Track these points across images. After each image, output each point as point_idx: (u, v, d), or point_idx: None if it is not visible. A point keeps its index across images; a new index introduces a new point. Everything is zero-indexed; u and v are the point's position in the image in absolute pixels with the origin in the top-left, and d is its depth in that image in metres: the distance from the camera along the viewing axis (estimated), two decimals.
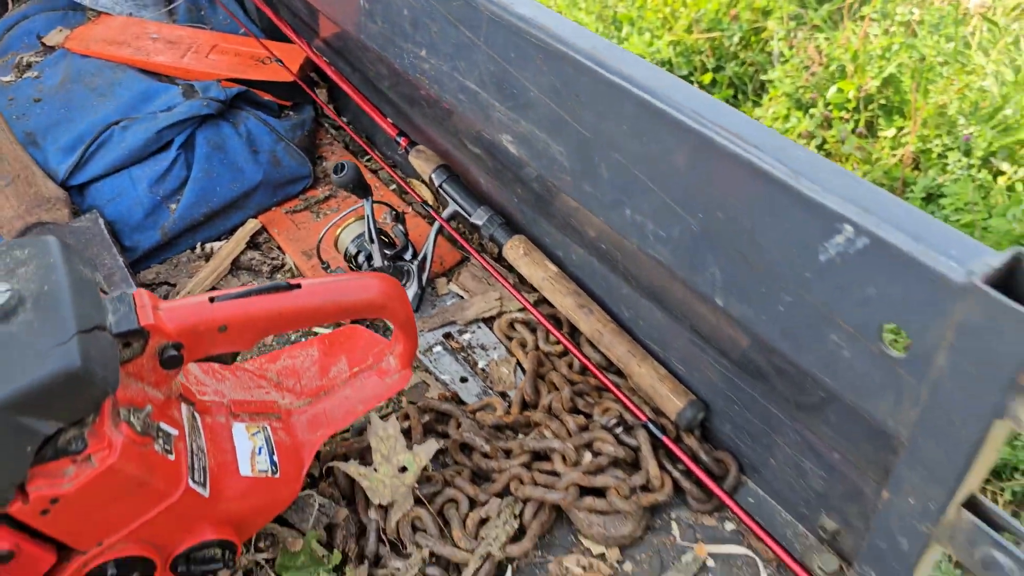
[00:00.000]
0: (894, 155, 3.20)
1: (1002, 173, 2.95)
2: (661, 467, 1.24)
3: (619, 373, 1.38)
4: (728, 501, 1.20)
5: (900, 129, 3.23)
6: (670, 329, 1.27)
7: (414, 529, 1.21)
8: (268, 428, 1.12)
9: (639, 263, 1.26)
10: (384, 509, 1.22)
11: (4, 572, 0.87)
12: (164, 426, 0.97)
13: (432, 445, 1.21)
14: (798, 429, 1.11)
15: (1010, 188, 2.87)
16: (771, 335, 0.98)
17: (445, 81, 1.39)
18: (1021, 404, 0.73)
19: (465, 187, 1.58)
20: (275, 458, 1.09)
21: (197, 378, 1.13)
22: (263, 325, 1.01)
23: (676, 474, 1.24)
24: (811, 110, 3.32)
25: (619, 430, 1.28)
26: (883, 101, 3.34)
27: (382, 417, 1.26)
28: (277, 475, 1.08)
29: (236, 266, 1.69)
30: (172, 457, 0.96)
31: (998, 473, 2.50)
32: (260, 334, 1.02)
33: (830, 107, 3.26)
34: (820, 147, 3.37)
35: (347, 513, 1.22)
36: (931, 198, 2.99)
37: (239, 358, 1.16)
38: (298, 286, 1.02)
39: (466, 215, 1.54)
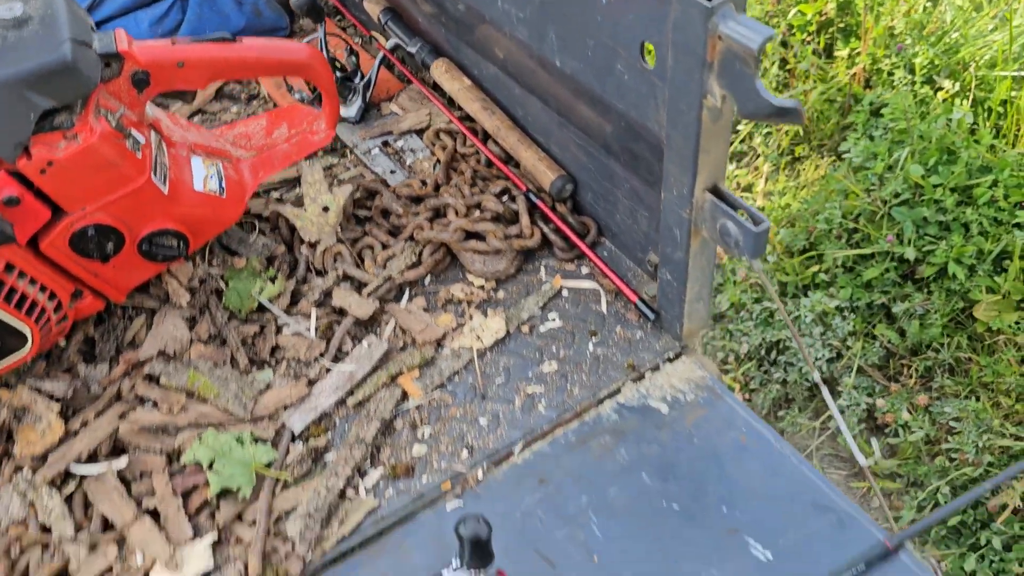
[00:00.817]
0: (849, 73, 3.46)
1: (942, 89, 3.20)
2: (533, 223, 1.56)
3: (517, 166, 1.70)
4: (585, 249, 1.52)
5: (854, 50, 3.48)
6: (547, 118, 1.58)
7: (335, 259, 1.54)
8: (220, 165, 1.46)
9: (519, 61, 1.57)
10: (313, 247, 1.55)
11: (11, 215, 1.21)
12: (135, 133, 1.30)
13: (348, 188, 1.54)
14: (627, 178, 1.42)
15: (948, 101, 3.12)
16: (588, 80, 1.29)
17: None
18: (711, 79, 1.04)
19: (406, 24, 1.90)
20: (223, 184, 1.43)
21: (167, 126, 1.46)
22: (212, 66, 1.34)
23: (547, 230, 1.56)
24: (776, 31, 3.57)
25: (504, 198, 1.60)
26: (841, 25, 3.58)
27: (310, 164, 1.59)
28: (224, 196, 1.42)
29: (220, 94, 2.03)
30: (139, 156, 1.29)
31: (915, 350, 2.80)
32: (210, 75, 1.35)
33: (793, 29, 3.50)
34: (782, 64, 3.64)
35: (285, 249, 1.56)
36: (877, 111, 3.25)
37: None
38: (240, 40, 1.35)
39: (404, 45, 1.86)
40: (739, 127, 3.50)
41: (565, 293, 1.51)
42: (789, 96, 3.41)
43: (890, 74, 3.31)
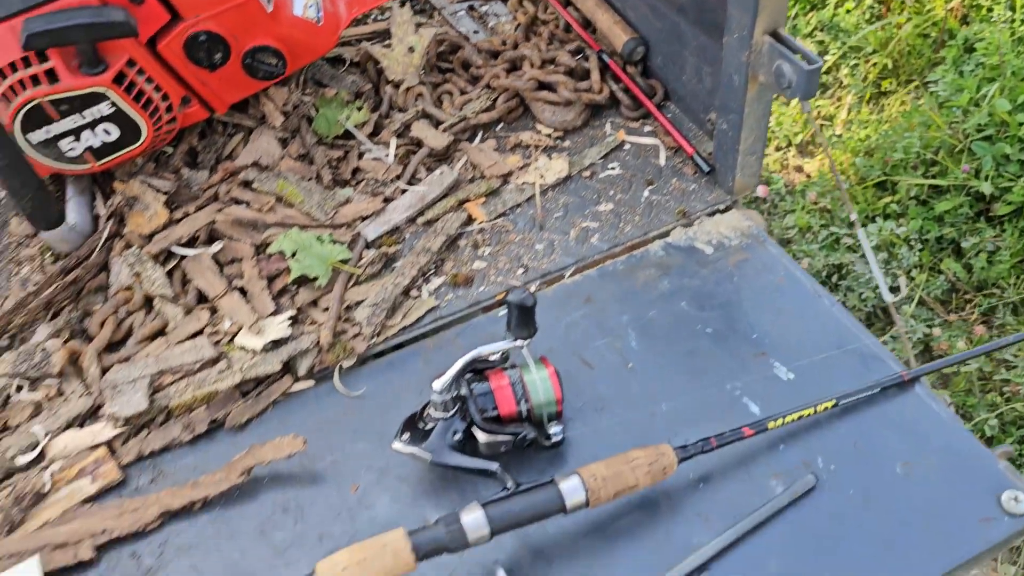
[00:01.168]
0: (947, 7, 3.40)
1: None
2: (604, 80, 1.65)
3: (594, 32, 1.78)
4: (651, 106, 1.60)
5: None
6: None
7: (416, 99, 1.66)
8: None
9: None
10: (397, 86, 1.67)
11: (136, 12, 1.35)
12: None
13: (431, 30, 1.65)
14: (695, 35, 1.50)
15: None
16: None
17: None
18: None
19: None
20: (320, 15, 1.56)
21: None
22: None
23: (616, 88, 1.65)
24: None
25: (578, 57, 1.69)
26: None
27: (401, 5, 1.71)
28: (320, 25, 1.54)
29: None
30: None
31: (980, 287, 2.80)
32: None
33: None
34: None
35: (371, 88, 1.68)
36: (971, 48, 3.20)
37: None
38: None
39: None
40: (826, 56, 3.48)
41: (627, 147, 1.60)
42: (883, 26, 3.38)
43: (989, 10, 3.25)
